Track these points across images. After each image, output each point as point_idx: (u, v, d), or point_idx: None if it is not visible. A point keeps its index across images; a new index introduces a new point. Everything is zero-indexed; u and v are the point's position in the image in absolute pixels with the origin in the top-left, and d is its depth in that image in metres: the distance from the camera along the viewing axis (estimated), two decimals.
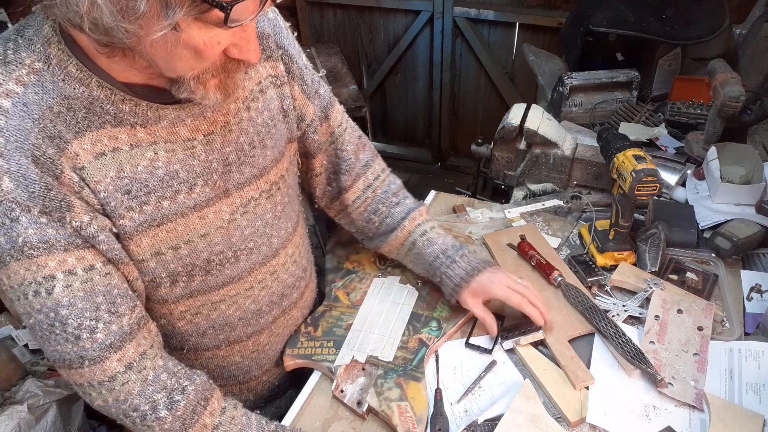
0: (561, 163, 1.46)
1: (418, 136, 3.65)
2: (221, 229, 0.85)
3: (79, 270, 0.70)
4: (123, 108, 0.71)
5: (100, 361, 0.73)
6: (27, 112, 0.65)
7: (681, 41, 1.75)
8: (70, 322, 0.71)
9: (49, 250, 0.68)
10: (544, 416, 0.88)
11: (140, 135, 0.73)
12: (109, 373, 0.74)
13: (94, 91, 0.69)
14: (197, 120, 0.78)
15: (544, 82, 2.07)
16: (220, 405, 0.83)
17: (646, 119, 1.71)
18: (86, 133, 0.69)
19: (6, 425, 1.56)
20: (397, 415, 0.89)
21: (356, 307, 1.12)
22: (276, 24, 0.90)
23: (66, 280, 0.70)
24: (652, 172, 1.05)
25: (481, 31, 3.05)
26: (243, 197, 0.87)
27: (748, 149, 1.36)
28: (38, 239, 0.67)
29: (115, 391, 0.75)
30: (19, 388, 1.69)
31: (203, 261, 0.85)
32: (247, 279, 0.92)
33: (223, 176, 0.83)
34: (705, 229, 1.26)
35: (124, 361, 0.75)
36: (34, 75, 0.66)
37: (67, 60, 0.67)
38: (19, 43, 0.67)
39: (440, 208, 1.43)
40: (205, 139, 0.80)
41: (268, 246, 0.94)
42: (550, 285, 1.12)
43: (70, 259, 0.70)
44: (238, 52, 0.67)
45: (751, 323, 1.05)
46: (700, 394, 0.91)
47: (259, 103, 0.87)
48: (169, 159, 0.76)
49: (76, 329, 0.71)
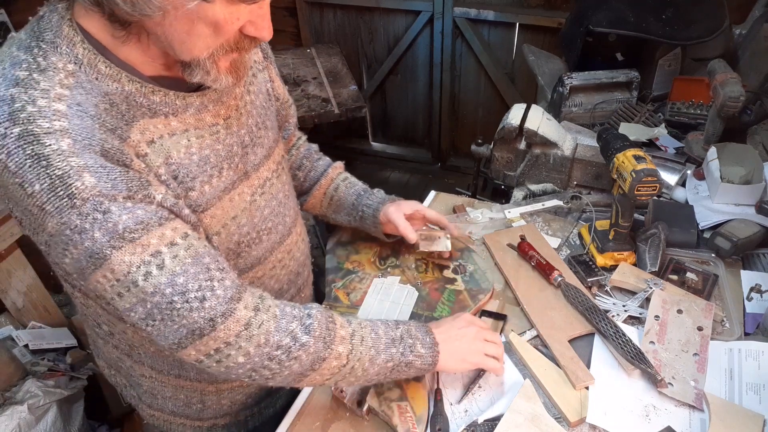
0: (561, 163, 1.46)
1: (418, 136, 3.65)
2: (246, 211, 0.88)
3: (178, 239, 0.70)
4: (154, 99, 0.72)
5: (231, 313, 0.73)
6: (83, 110, 0.65)
7: (681, 41, 1.75)
8: (190, 287, 0.70)
9: (147, 229, 0.67)
10: (544, 416, 0.88)
11: (174, 124, 0.75)
12: (244, 321, 0.74)
13: (126, 86, 0.70)
14: (217, 105, 0.81)
15: (544, 82, 2.07)
16: (340, 318, 0.85)
17: (646, 119, 1.71)
18: (133, 123, 0.71)
19: (6, 425, 1.56)
20: (397, 415, 0.89)
21: (356, 307, 1.12)
22: None
23: (171, 252, 0.69)
24: (652, 172, 1.05)
25: (481, 32, 3.05)
26: (260, 178, 0.90)
27: (748, 149, 1.36)
28: (134, 222, 0.66)
29: (254, 336, 0.74)
30: (19, 389, 1.69)
31: (235, 244, 0.87)
32: (269, 259, 0.95)
33: (243, 158, 0.86)
34: (705, 229, 1.26)
35: (251, 307, 0.75)
36: (71, 77, 0.66)
37: (95, 58, 0.68)
38: (45, 49, 0.66)
39: (440, 209, 1.42)
40: (225, 123, 0.82)
41: (283, 225, 0.97)
42: (550, 285, 1.12)
43: (167, 233, 0.69)
44: (254, 30, 0.69)
45: (751, 323, 1.05)
46: (700, 394, 0.91)
47: (254, 87, 0.90)
48: (200, 145, 0.79)
49: (198, 292, 0.70)
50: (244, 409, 1.06)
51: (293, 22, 3.42)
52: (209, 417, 1.03)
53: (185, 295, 0.70)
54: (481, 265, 1.18)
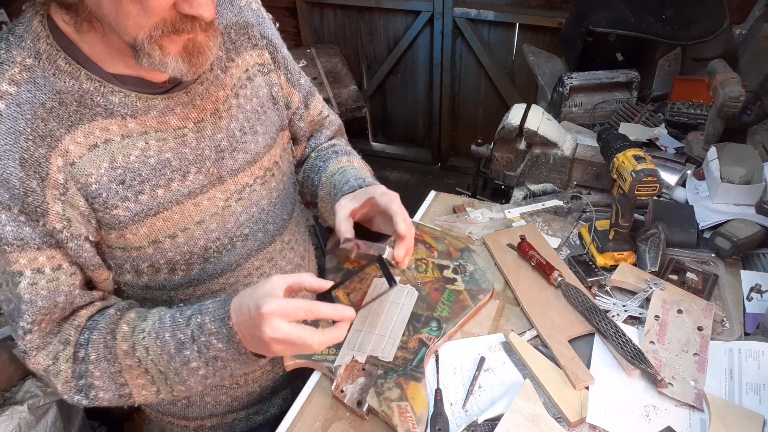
0: (561, 163, 1.46)
1: (418, 136, 3.65)
2: (216, 216, 0.86)
3: (48, 269, 0.72)
4: (112, 99, 0.72)
5: (36, 353, 0.76)
6: (20, 112, 0.67)
7: (681, 41, 1.75)
8: (25, 317, 0.73)
9: (23, 247, 0.70)
10: (544, 416, 0.88)
11: (131, 125, 0.74)
12: (43, 366, 0.76)
13: (84, 83, 0.70)
14: (187, 108, 0.79)
15: (544, 82, 2.07)
16: (126, 329, 0.77)
17: (646, 119, 1.71)
18: (78, 126, 0.71)
19: (6, 425, 1.56)
20: (397, 415, 0.89)
21: (356, 307, 1.11)
22: (259, 15, 0.93)
23: (33, 278, 0.71)
24: (652, 172, 1.05)
25: (481, 32, 3.05)
26: (237, 183, 0.88)
27: (748, 149, 1.36)
28: (14, 236, 0.69)
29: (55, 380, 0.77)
30: (19, 389, 1.69)
31: (200, 248, 0.86)
32: (244, 266, 0.93)
33: (216, 163, 0.84)
34: (705, 229, 1.26)
35: (51, 355, 0.77)
36: (26, 72, 0.68)
37: (56, 54, 0.69)
38: (11, 41, 0.68)
39: (440, 209, 1.43)
40: (195, 126, 0.81)
41: (264, 232, 0.94)
42: (550, 285, 1.12)
43: (40, 258, 0.71)
44: (188, 6, 0.65)
45: (751, 323, 1.05)
46: (700, 394, 0.91)
47: (247, 90, 0.89)
48: (160, 148, 0.77)
49: (29, 324, 0.73)
50: (230, 412, 1.05)
51: (293, 22, 3.42)
52: (195, 417, 1.04)
53: (17, 322, 0.73)
54: (481, 265, 1.18)
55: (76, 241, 0.73)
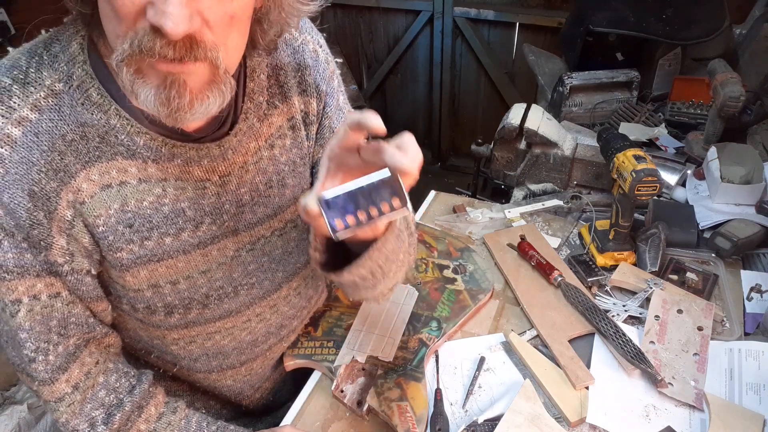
0: (561, 163, 1.46)
1: (418, 136, 3.58)
2: (223, 265, 0.81)
3: (44, 296, 0.70)
4: (137, 141, 0.67)
5: (51, 383, 0.73)
6: (36, 143, 0.63)
7: (681, 41, 1.75)
8: (28, 345, 0.71)
9: (23, 274, 0.67)
10: (544, 416, 0.88)
11: (150, 170, 0.70)
12: (58, 395, 0.74)
13: (112, 119, 0.66)
14: (215, 161, 0.74)
15: (544, 82, 2.07)
16: (157, 411, 0.81)
17: (646, 119, 1.71)
18: (96, 163, 0.67)
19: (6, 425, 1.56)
20: (397, 415, 0.89)
21: (356, 307, 1.12)
22: (317, 58, 0.84)
23: (30, 305, 0.69)
24: (652, 172, 1.05)
25: (481, 31, 3.05)
26: (252, 236, 0.83)
27: (748, 149, 1.36)
28: (15, 264, 0.66)
29: (61, 412, 0.75)
30: (19, 388, 1.69)
31: (201, 296, 0.82)
32: (245, 312, 0.89)
33: (235, 217, 0.79)
34: (705, 229, 1.26)
35: (72, 381, 0.75)
36: (52, 98, 0.63)
37: (90, 83, 0.64)
38: (43, 61, 0.64)
39: (440, 208, 1.43)
40: (220, 180, 0.76)
41: (270, 281, 0.89)
42: (550, 285, 1.12)
43: (39, 285, 0.69)
44: (153, 13, 0.52)
45: (751, 323, 1.05)
46: (700, 394, 0.91)
47: (287, 140, 0.82)
48: (177, 197, 0.73)
49: (32, 352, 0.71)
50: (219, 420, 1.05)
51: None
52: None
53: (20, 351, 0.71)
54: (481, 265, 1.18)
55: (76, 275, 0.71)
